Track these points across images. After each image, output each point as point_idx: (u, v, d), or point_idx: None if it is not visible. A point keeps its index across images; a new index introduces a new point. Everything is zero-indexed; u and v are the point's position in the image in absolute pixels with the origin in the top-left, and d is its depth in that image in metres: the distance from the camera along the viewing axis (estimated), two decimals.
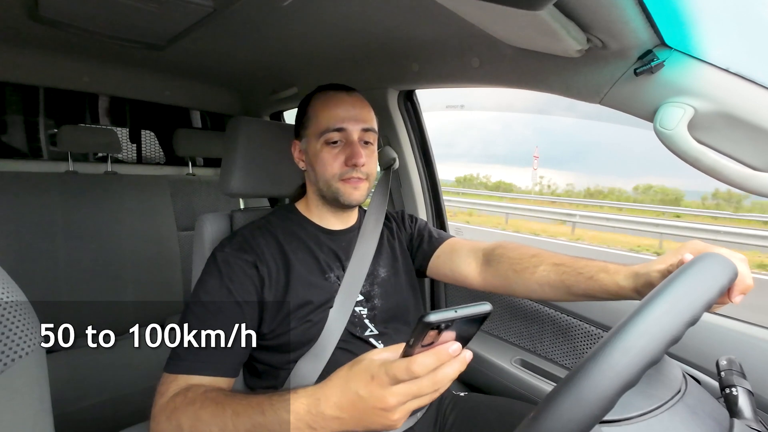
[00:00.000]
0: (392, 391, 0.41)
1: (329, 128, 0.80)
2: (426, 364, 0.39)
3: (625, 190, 17.41)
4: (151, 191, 1.86)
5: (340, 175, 0.80)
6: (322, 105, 0.82)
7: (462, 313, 0.37)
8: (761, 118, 0.64)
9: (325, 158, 0.80)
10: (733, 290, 0.52)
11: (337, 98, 0.82)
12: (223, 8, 0.96)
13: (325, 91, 0.85)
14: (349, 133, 0.80)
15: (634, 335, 0.37)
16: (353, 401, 0.43)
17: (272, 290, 0.74)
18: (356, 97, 0.84)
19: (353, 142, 0.80)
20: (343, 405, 0.44)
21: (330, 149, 0.80)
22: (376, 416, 0.42)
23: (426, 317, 0.36)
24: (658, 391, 0.46)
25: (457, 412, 0.85)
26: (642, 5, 0.62)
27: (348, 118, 0.80)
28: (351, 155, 0.79)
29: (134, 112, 2.09)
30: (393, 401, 0.41)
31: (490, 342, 1.17)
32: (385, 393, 0.41)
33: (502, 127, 64.60)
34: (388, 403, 0.41)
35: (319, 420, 0.45)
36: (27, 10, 1.09)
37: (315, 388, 0.47)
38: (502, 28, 0.78)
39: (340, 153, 0.80)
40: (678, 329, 0.38)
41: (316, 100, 0.84)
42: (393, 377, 0.40)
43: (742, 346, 0.76)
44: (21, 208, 1.56)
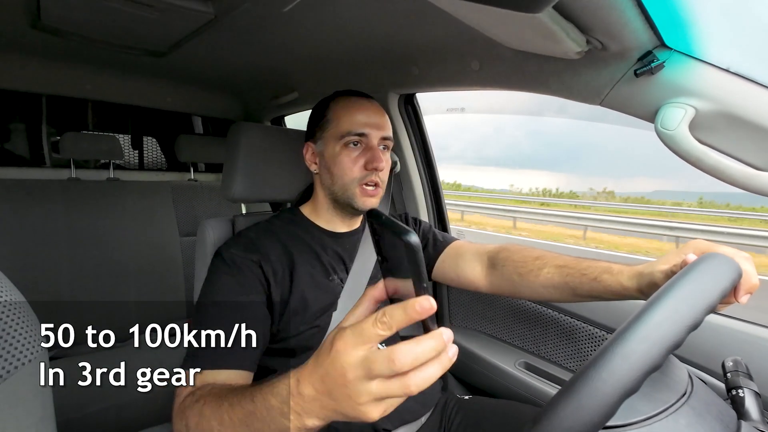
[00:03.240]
0: (349, 360, 0.35)
1: (351, 132, 0.80)
2: (394, 314, 0.34)
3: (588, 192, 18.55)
4: (153, 197, 1.86)
5: (360, 179, 0.80)
6: (343, 109, 0.83)
7: (390, 226, 0.35)
8: (762, 118, 0.63)
9: (344, 161, 0.80)
10: (739, 290, 0.52)
11: (360, 104, 0.84)
12: (224, 15, 0.97)
13: (347, 96, 0.85)
14: (369, 138, 0.81)
15: (634, 341, 0.37)
16: (322, 377, 0.38)
17: (278, 290, 0.74)
18: (376, 105, 0.86)
19: (374, 146, 0.81)
20: (316, 383, 0.39)
21: (350, 152, 0.81)
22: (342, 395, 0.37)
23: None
24: (662, 395, 0.46)
25: (461, 416, 0.84)
26: (641, 6, 0.62)
27: (369, 124, 0.81)
28: (372, 159, 0.80)
29: (136, 118, 2.10)
30: (351, 375, 0.35)
31: (494, 345, 1.16)
32: (343, 362, 0.35)
33: (495, 129, 64.76)
34: (347, 376, 0.35)
35: (299, 402, 0.40)
36: (29, 19, 1.10)
37: (297, 369, 0.41)
38: (501, 30, 0.79)
39: (359, 156, 0.81)
40: (679, 334, 0.38)
41: (336, 104, 0.84)
42: (360, 333, 0.35)
43: (748, 347, 0.75)
44: (24, 215, 1.56)
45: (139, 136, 2.12)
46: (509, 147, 58.17)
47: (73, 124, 1.91)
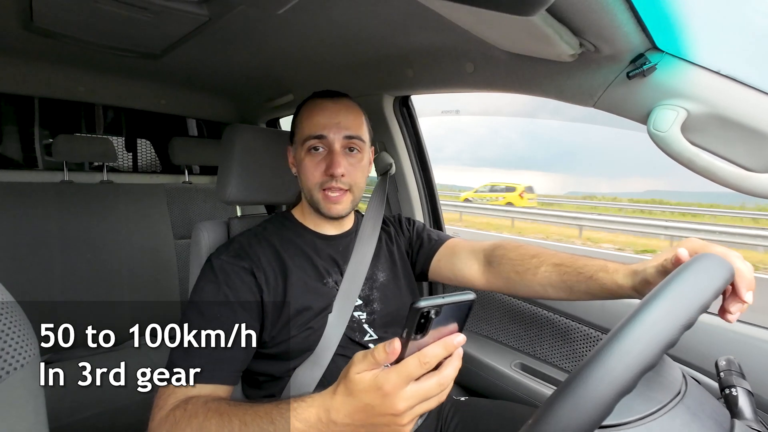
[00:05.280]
0: (401, 395, 0.41)
1: (310, 135, 0.80)
2: (436, 353, 0.41)
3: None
4: (148, 200, 1.85)
5: (321, 184, 0.79)
6: (307, 112, 0.82)
7: (449, 299, 0.39)
8: (753, 119, 0.64)
9: (306, 166, 0.80)
10: (740, 289, 0.52)
11: (321, 105, 0.82)
12: (218, 17, 0.97)
13: (314, 98, 0.84)
14: (330, 141, 0.80)
15: (629, 340, 0.37)
16: (363, 409, 0.43)
17: (271, 296, 0.74)
18: (342, 104, 0.83)
19: (333, 151, 0.79)
20: (354, 414, 0.44)
21: (312, 157, 0.80)
22: (387, 422, 0.43)
23: (416, 303, 0.38)
24: (657, 394, 0.46)
25: (458, 418, 0.84)
26: (633, 10, 0.63)
27: (329, 125, 0.79)
28: (330, 164, 0.78)
29: (130, 120, 2.09)
30: (402, 406, 0.41)
31: (490, 346, 1.17)
32: (395, 399, 0.41)
33: (489, 131, 65.19)
34: (398, 408, 0.41)
35: (331, 428, 0.46)
36: (21, 21, 1.09)
37: (322, 398, 0.47)
38: (495, 33, 0.79)
39: (321, 161, 0.80)
40: (674, 333, 0.38)
41: (304, 107, 0.84)
42: (406, 376, 0.41)
43: (741, 347, 0.76)
44: (17, 218, 1.55)
45: (133, 139, 2.11)
46: (504, 148, 58.57)
47: (66, 127, 1.90)
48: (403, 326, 0.40)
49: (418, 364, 0.40)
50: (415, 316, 0.38)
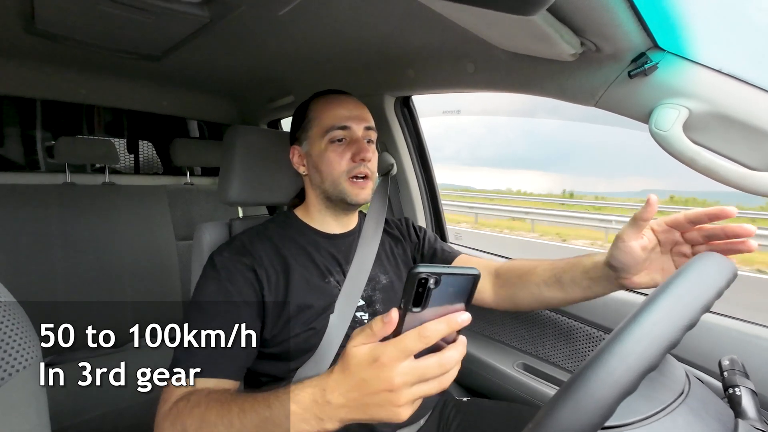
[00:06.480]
0: (398, 369, 0.40)
1: (334, 126, 0.81)
2: (437, 328, 0.39)
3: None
4: (149, 201, 1.86)
5: (348, 171, 0.81)
6: (323, 106, 0.84)
7: (449, 269, 0.38)
8: (755, 118, 0.64)
9: (331, 157, 0.81)
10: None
11: (339, 99, 0.85)
12: (219, 19, 0.97)
13: (324, 95, 0.87)
14: (353, 131, 0.82)
15: (631, 341, 0.37)
16: (358, 386, 0.42)
17: (272, 294, 0.74)
18: (355, 99, 0.87)
19: (359, 138, 0.82)
20: (349, 392, 0.43)
21: (335, 147, 0.81)
22: (382, 401, 0.41)
23: (414, 268, 0.36)
24: (660, 394, 0.46)
25: (460, 418, 0.84)
26: (634, 9, 0.62)
27: (351, 117, 0.82)
28: (358, 150, 0.80)
29: (131, 122, 2.09)
30: (399, 380, 0.40)
31: (492, 346, 1.16)
32: (391, 372, 0.40)
33: (489, 130, 65.20)
34: (394, 382, 0.40)
35: (326, 410, 0.44)
36: (23, 24, 1.09)
37: (319, 379, 0.46)
38: (496, 33, 0.79)
39: (345, 150, 0.81)
40: (675, 334, 0.38)
41: (316, 103, 0.86)
42: (403, 348, 0.39)
43: (744, 346, 0.76)
44: (19, 220, 1.55)
45: (135, 140, 2.11)
46: (503, 147, 58.55)
47: (67, 129, 1.90)
48: (401, 296, 0.38)
49: (417, 338, 0.39)
50: (413, 283, 0.37)
